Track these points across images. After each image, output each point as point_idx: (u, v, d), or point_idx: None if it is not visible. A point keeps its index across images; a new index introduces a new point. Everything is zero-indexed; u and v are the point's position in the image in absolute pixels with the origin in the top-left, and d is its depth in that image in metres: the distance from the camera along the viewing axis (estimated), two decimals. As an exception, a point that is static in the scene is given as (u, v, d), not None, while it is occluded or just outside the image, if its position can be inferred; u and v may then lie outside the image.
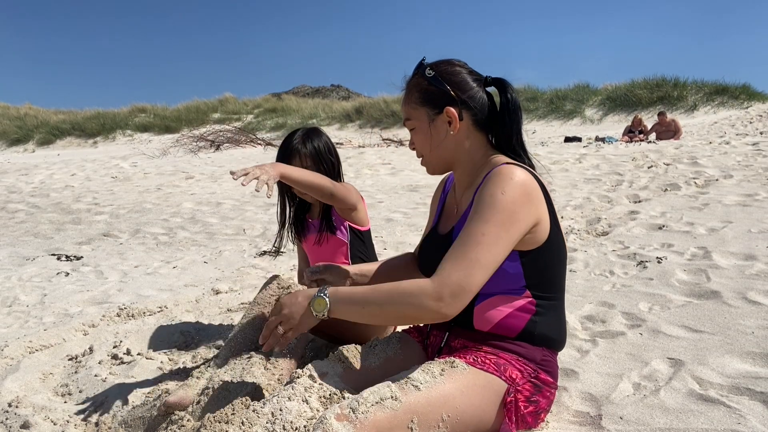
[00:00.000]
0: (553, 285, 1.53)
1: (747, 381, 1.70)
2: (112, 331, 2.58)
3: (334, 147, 2.37)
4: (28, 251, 4.72)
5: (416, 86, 1.55)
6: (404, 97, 1.59)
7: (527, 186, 1.41)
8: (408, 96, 1.57)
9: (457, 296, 1.33)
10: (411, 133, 1.60)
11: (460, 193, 1.63)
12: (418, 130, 1.57)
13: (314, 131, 2.34)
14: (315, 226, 2.36)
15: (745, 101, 16.65)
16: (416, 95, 1.55)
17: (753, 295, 2.41)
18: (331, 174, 2.28)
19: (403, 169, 8.21)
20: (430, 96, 1.53)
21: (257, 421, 1.30)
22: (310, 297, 1.41)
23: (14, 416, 1.77)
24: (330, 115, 22.06)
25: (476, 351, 1.47)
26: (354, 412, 1.24)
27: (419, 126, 1.56)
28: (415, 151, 1.62)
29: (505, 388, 1.43)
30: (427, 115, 1.54)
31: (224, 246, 4.55)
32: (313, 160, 2.27)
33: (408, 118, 1.58)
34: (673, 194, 5.06)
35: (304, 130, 2.33)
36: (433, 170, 1.63)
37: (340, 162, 2.38)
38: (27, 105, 26.92)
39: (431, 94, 1.53)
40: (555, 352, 1.56)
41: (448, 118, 1.52)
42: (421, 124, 1.55)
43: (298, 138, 2.28)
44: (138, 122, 22.99)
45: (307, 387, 1.37)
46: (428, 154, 1.59)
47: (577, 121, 17.87)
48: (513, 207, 1.37)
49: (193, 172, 9.00)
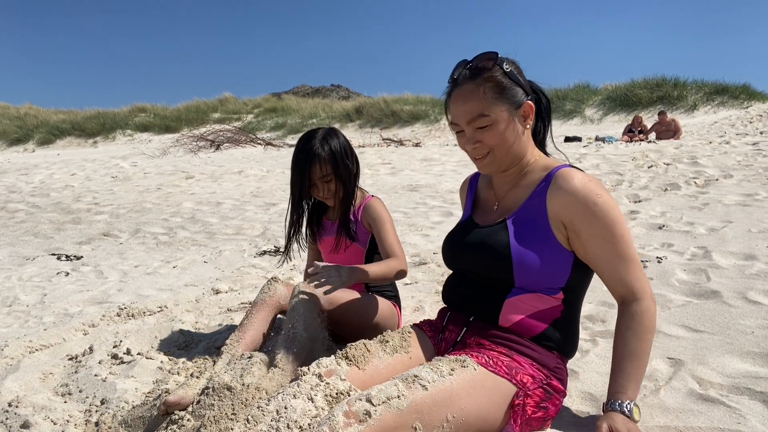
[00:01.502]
0: (581, 291, 1.58)
1: (747, 381, 1.70)
2: (112, 331, 2.58)
3: (351, 147, 2.28)
4: (28, 251, 4.72)
5: (492, 80, 1.49)
6: (473, 92, 1.49)
7: (598, 182, 1.50)
8: (482, 90, 1.49)
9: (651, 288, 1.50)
10: (477, 131, 1.51)
11: (503, 189, 1.64)
12: (494, 125, 1.50)
13: (332, 133, 2.25)
14: (331, 228, 2.33)
15: (745, 101, 16.66)
16: (494, 89, 1.49)
17: (753, 294, 2.41)
18: (348, 178, 2.23)
19: (403, 169, 8.21)
20: (509, 90, 1.50)
21: (262, 418, 1.30)
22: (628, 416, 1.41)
23: (14, 416, 1.77)
24: (330, 115, 22.06)
25: (490, 351, 1.47)
26: (361, 410, 1.24)
27: (497, 120, 1.50)
28: (475, 148, 1.54)
29: (514, 392, 1.43)
30: (508, 110, 1.50)
31: (224, 246, 4.55)
32: (333, 166, 2.19)
33: (482, 113, 1.49)
34: (673, 194, 5.06)
35: (324, 132, 2.24)
36: (497, 168, 1.58)
37: (358, 163, 2.30)
38: (27, 105, 26.94)
39: (510, 88, 1.50)
40: (566, 360, 1.57)
41: (524, 113, 1.53)
42: (500, 119, 1.50)
43: (318, 142, 2.19)
44: (138, 122, 23.00)
45: (312, 385, 1.37)
46: (500, 151, 1.54)
47: (577, 121, 17.87)
48: (612, 202, 1.47)
49: (193, 171, 9.00)
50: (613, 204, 1.46)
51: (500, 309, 1.51)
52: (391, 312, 2.23)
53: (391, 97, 21.61)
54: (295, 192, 2.25)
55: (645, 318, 1.44)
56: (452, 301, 1.68)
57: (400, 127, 19.68)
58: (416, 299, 2.85)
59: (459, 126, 1.54)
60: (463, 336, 1.58)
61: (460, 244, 1.66)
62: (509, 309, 1.50)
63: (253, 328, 2.01)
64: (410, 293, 2.97)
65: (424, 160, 8.86)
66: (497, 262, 1.50)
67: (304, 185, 2.21)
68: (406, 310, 2.70)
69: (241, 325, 2.02)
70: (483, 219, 1.65)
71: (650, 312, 1.45)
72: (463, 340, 1.58)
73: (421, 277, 3.28)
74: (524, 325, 1.49)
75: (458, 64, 1.56)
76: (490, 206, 1.67)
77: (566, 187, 1.47)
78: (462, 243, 1.65)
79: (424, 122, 19.58)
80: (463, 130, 1.54)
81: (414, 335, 1.65)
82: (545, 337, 1.50)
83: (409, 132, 18.63)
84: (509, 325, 1.50)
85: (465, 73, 1.52)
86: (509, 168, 1.60)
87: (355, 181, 2.28)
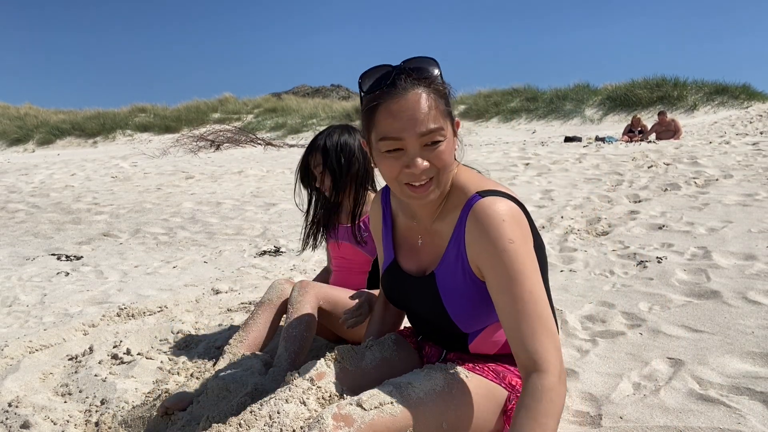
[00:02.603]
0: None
1: (747, 381, 1.70)
2: (112, 331, 2.58)
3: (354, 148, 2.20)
4: (28, 251, 4.72)
5: (440, 90, 1.29)
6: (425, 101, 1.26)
7: (516, 218, 1.29)
8: (434, 99, 1.27)
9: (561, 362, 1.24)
10: (423, 149, 1.27)
11: (425, 219, 1.45)
12: (446, 143, 1.28)
13: (343, 129, 2.23)
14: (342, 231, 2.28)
15: (745, 101, 16.66)
16: (443, 101, 1.29)
17: (753, 294, 2.41)
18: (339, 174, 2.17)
19: (403, 168, 8.21)
20: (448, 105, 1.31)
21: (255, 423, 1.30)
22: None
23: (14, 416, 1.77)
24: (330, 115, 22.05)
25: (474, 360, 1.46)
26: (352, 414, 1.23)
27: (448, 139, 1.29)
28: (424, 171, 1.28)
29: (506, 396, 1.42)
30: (451, 126, 1.31)
31: (224, 246, 4.55)
32: (323, 156, 2.18)
33: (440, 128, 1.26)
34: (673, 194, 5.06)
35: (338, 127, 2.24)
36: (440, 193, 1.35)
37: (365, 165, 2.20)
38: (27, 105, 26.93)
39: (448, 102, 1.31)
40: None
41: (456, 127, 1.35)
42: (449, 137, 1.30)
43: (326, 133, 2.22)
44: (138, 122, 22.99)
45: (304, 389, 1.37)
46: (445, 174, 1.32)
47: (577, 121, 17.87)
48: (525, 248, 1.27)
49: (193, 171, 9.00)
50: (526, 250, 1.26)
51: (467, 348, 1.46)
52: None
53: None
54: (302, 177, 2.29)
55: (545, 398, 1.16)
56: (421, 334, 1.62)
57: (400, 127, 19.67)
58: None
59: (400, 142, 1.26)
60: (444, 356, 1.56)
61: (397, 294, 1.54)
62: (477, 347, 1.46)
63: (256, 329, 2.00)
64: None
65: (424, 160, 8.85)
66: (438, 318, 1.43)
67: (305, 173, 2.26)
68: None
69: (245, 325, 2.01)
70: (409, 262, 1.49)
71: (553, 392, 1.17)
72: (444, 359, 1.55)
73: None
74: (500, 352, 1.47)
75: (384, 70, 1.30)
76: (413, 242, 1.49)
77: (478, 227, 1.28)
78: (398, 293, 1.53)
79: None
80: (401, 148, 1.26)
81: (399, 342, 1.63)
82: None
83: (409, 132, 18.60)
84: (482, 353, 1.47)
85: (405, 78, 1.26)
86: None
87: (353, 181, 2.19)
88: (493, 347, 1.46)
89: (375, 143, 1.30)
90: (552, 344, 1.22)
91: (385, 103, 1.26)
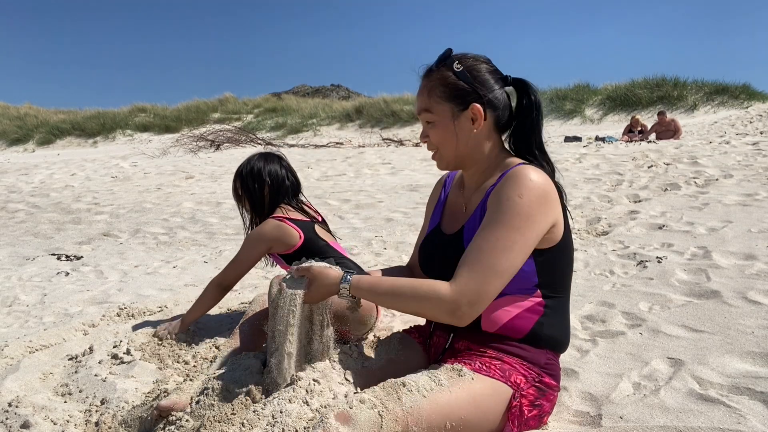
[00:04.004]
0: (561, 286, 1.52)
1: (747, 381, 1.70)
2: (112, 331, 2.57)
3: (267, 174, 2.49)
4: (28, 251, 4.72)
5: (441, 79, 1.48)
6: (424, 88, 1.51)
7: (544, 188, 1.39)
8: (430, 88, 1.49)
9: (473, 305, 1.33)
10: (426, 125, 1.53)
11: (469, 193, 1.59)
12: (438, 124, 1.50)
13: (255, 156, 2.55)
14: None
15: (745, 101, 16.65)
16: (441, 89, 1.48)
17: (753, 294, 2.41)
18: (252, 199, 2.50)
19: (403, 168, 8.21)
20: (456, 91, 1.47)
21: (257, 422, 1.30)
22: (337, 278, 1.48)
23: (14, 416, 1.77)
24: (330, 114, 22.04)
25: (480, 356, 1.46)
26: (356, 413, 1.23)
27: (440, 120, 1.49)
28: (426, 143, 1.56)
29: (511, 394, 1.42)
30: (451, 111, 1.48)
31: (224, 246, 4.55)
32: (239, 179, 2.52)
33: (427, 109, 1.50)
34: (673, 194, 5.06)
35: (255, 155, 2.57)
36: (446, 166, 1.57)
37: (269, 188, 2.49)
38: (27, 105, 26.92)
39: (458, 89, 1.47)
40: (558, 355, 1.56)
41: (472, 115, 1.48)
42: (443, 119, 1.49)
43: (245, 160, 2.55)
44: (138, 122, 22.98)
45: (308, 389, 1.37)
46: (445, 150, 1.53)
47: (577, 121, 17.87)
48: (530, 211, 1.35)
49: (193, 171, 9.00)
50: (529, 212, 1.35)
51: (480, 318, 1.47)
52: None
53: (391, 97, 21.59)
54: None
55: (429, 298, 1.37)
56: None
57: (400, 127, 19.66)
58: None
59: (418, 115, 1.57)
60: (451, 341, 1.56)
61: (427, 255, 1.64)
62: (488, 316, 1.46)
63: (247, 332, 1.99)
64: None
65: (424, 160, 8.86)
66: None
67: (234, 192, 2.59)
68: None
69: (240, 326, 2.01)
70: (449, 225, 1.62)
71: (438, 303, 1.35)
72: (451, 346, 1.56)
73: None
74: (509, 327, 1.47)
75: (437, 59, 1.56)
76: (459, 209, 1.62)
77: (505, 182, 1.41)
78: (430, 253, 1.63)
79: (424, 122, 19.55)
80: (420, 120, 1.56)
81: (404, 341, 1.64)
82: (533, 336, 1.48)
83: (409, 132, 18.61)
84: (494, 330, 1.48)
85: (423, 68, 1.53)
86: (468, 168, 1.57)
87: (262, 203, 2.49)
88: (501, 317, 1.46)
89: None
90: (475, 280, 1.33)
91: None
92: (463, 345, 1.53)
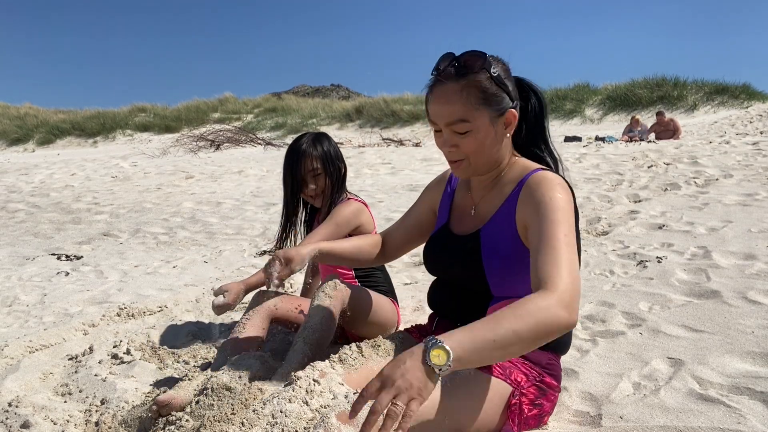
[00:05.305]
0: None
1: (747, 381, 1.70)
2: (112, 331, 2.58)
3: (340, 151, 2.38)
4: (28, 251, 4.72)
5: (477, 84, 1.37)
6: (457, 94, 1.37)
7: (568, 191, 1.41)
8: (467, 94, 1.37)
9: (576, 299, 1.23)
10: (453, 134, 1.41)
11: (478, 195, 1.57)
12: (473, 132, 1.40)
13: (323, 135, 2.35)
14: None
15: (745, 101, 16.66)
16: (478, 94, 1.37)
17: (753, 294, 2.41)
18: (337, 179, 2.31)
19: (403, 168, 8.21)
20: (496, 96, 1.39)
21: (257, 422, 1.30)
22: (421, 355, 1.09)
23: (14, 416, 1.76)
24: (330, 114, 22.05)
25: None
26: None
27: (477, 127, 1.39)
28: (451, 152, 1.44)
29: (510, 391, 1.42)
30: (489, 118, 1.40)
31: (224, 246, 4.55)
32: (323, 163, 2.27)
33: (464, 119, 1.38)
34: (673, 194, 5.06)
35: (313, 134, 2.34)
36: (472, 173, 1.50)
37: (346, 168, 2.37)
38: (27, 105, 26.93)
39: (497, 94, 1.39)
40: (559, 356, 1.56)
41: (507, 121, 1.43)
42: (481, 127, 1.40)
43: (307, 141, 2.29)
44: (138, 122, 22.99)
45: (307, 389, 1.37)
46: (478, 158, 1.44)
47: (577, 121, 17.87)
48: (569, 209, 1.37)
49: (193, 171, 9.00)
50: (569, 210, 1.36)
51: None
52: (391, 309, 2.21)
53: (391, 97, 21.61)
54: (287, 190, 2.31)
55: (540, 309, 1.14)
56: (436, 308, 1.67)
57: (400, 127, 19.67)
58: (416, 299, 2.85)
59: (436, 125, 1.44)
60: None
61: (437, 254, 1.62)
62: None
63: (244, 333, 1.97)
64: (410, 293, 2.97)
65: (424, 160, 8.86)
66: (471, 275, 1.48)
67: (296, 180, 2.28)
68: (406, 309, 2.70)
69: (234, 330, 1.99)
70: (459, 226, 1.60)
71: (548, 310, 1.15)
72: None
73: (421, 277, 3.28)
74: None
75: (443, 57, 1.42)
76: (467, 211, 1.60)
77: (529, 190, 1.41)
78: (439, 252, 1.61)
79: (424, 122, 19.55)
80: (439, 130, 1.44)
81: (406, 341, 1.64)
82: None
83: (409, 132, 18.62)
84: None
85: (450, 70, 1.38)
86: (486, 172, 1.53)
87: (343, 184, 2.34)
88: None
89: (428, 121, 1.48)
90: (568, 273, 1.22)
91: (431, 90, 1.43)
92: None
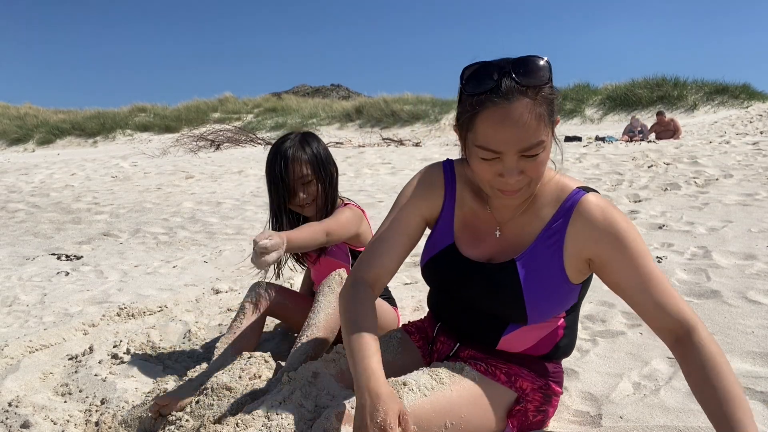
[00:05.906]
0: (581, 302, 1.48)
1: (747, 381, 1.70)
2: (112, 331, 2.58)
3: (330, 153, 2.14)
4: (28, 251, 4.72)
5: (547, 97, 1.19)
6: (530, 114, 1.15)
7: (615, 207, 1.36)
8: (539, 112, 1.16)
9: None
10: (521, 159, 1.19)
11: (506, 213, 1.39)
12: (544, 154, 1.21)
13: (310, 135, 2.10)
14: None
15: (745, 101, 16.67)
16: (547, 109, 1.19)
17: (753, 294, 2.41)
18: (330, 185, 2.07)
19: (403, 168, 8.21)
20: (555, 107, 1.22)
21: (252, 423, 1.29)
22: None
23: (14, 416, 1.77)
24: (330, 114, 22.05)
25: (486, 359, 1.44)
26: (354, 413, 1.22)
27: (547, 148, 1.22)
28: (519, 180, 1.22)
29: (514, 398, 1.41)
30: (550, 133, 1.22)
31: (224, 245, 4.55)
32: (313, 168, 2.02)
33: (541, 140, 1.18)
34: (673, 194, 5.06)
35: (299, 135, 2.08)
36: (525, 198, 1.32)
37: (338, 171, 2.14)
38: (27, 105, 26.93)
39: (555, 105, 1.22)
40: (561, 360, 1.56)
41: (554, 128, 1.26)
42: (548, 146, 1.22)
43: (293, 143, 2.02)
44: (138, 122, 23.00)
45: (303, 389, 1.37)
46: (538, 181, 1.26)
47: (577, 121, 17.88)
48: (633, 228, 1.33)
49: (193, 171, 9.00)
50: (633, 228, 1.32)
51: (497, 342, 1.42)
52: (392, 316, 2.20)
53: (391, 97, 21.61)
54: (273, 202, 2.05)
55: (712, 348, 1.16)
56: (443, 320, 1.56)
57: (400, 127, 19.67)
58: (416, 299, 2.85)
59: (498, 153, 1.18)
60: (456, 350, 1.50)
61: (450, 278, 1.43)
62: (508, 342, 1.42)
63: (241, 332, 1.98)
64: (410, 293, 2.97)
65: (424, 160, 8.86)
66: (509, 306, 1.36)
67: (284, 189, 2.01)
68: (406, 310, 2.70)
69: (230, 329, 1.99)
70: (474, 249, 1.41)
71: (714, 343, 1.18)
72: (456, 354, 1.50)
73: (420, 277, 3.28)
74: (526, 352, 1.44)
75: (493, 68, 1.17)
76: (485, 231, 1.41)
77: (591, 222, 1.29)
78: (452, 277, 1.42)
79: (424, 122, 19.57)
80: (498, 158, 1.19)
81: (403, 342, 1.60)
82: (548, 355, 1.46)
83: (409, 132, 18.62)
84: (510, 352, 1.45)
85: (514, 86, 1.15)
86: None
87: (336, 188, 2.12)
88: (521, 345, 1.43)
89: (471, 145, 1.22)
90: (685, 303, 1.24)
91: (487, 112, 1.16)
92: (468, 354, 1.48)
